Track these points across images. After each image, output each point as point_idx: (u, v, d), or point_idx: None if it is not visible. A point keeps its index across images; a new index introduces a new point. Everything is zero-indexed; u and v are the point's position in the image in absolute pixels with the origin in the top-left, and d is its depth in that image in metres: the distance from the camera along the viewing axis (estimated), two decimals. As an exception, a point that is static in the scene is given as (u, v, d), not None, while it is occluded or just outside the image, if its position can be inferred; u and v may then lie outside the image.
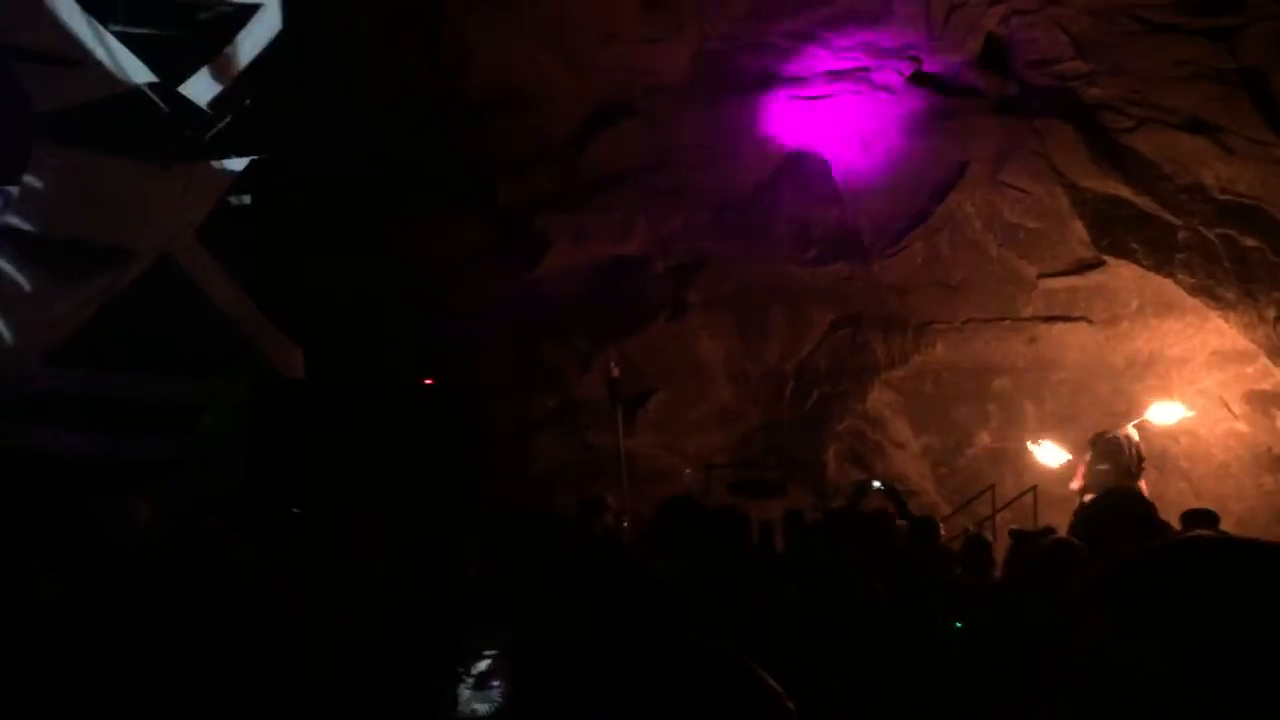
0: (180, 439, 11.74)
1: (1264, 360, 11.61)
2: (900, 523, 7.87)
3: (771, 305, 13.63)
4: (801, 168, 13.00)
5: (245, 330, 11.92)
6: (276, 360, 11.92)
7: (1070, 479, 11.21)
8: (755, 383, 13.91)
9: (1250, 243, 11.04)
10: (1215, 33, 10.42)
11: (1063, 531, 7.21)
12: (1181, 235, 11.49)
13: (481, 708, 2.57)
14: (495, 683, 2.57)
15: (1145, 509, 3.91)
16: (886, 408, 13.67)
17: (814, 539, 6.33)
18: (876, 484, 7.66)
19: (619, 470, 12.82)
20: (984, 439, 13.49)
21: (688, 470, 12.98)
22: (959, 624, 3.71)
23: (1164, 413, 11.71)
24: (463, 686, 2.59)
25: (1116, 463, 10.84)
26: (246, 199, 12.71)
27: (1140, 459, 10.95)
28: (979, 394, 13.43)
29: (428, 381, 12.68)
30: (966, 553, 6.75)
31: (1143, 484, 10.60)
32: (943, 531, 9.12)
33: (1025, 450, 12.98)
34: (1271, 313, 11.12)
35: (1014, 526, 8.21)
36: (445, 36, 12.41)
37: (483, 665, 2.58)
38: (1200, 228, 11.32)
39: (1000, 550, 10.84)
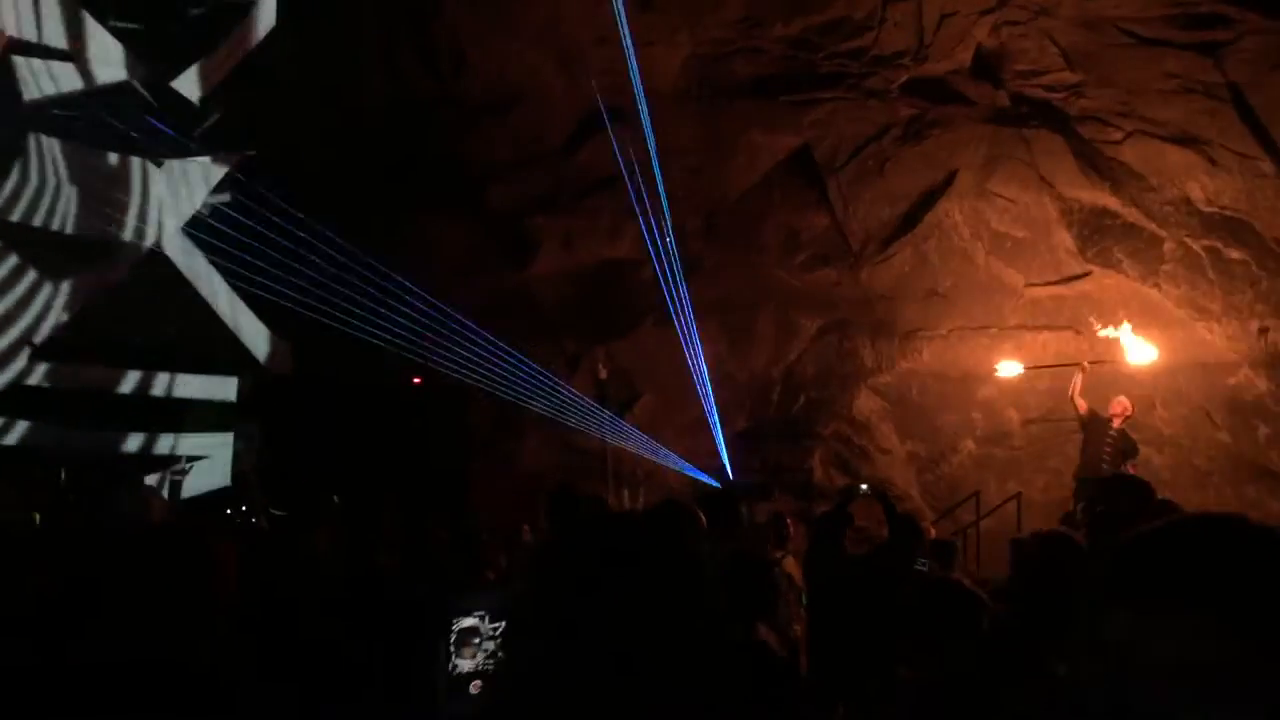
0: (167, 434, 11.72)
1: (1246, 371, 11.68)
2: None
3: (759, 310, 13.68)
4: (791, 173, 13.05)
5: (234, 325, 11.90)
6: (266, 357, 11.90)
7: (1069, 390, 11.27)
8: (742, 387, 13.96)
9: (1235, 255, 11.14)
10: (1203, 47, 10.49)
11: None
12: (1167, 247, 11.58)
13: (465, 664, 2.69)
14: (476, 640, 2.67)
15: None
16: (873, 414, 13.72)
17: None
18: (864, 487, 7.67)
19: (605, 472, 12.86)
20: (969, 446, 13.55)
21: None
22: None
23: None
24: (451, 642, 2.69)
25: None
26: (236, 195, 12.68)
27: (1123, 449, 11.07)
28: (965, 401, 13.50)
29: (416, 381, 12.70)
30: (933, 555, 6.79)
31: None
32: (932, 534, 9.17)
33: (1010, 457, 13.09)
34: (1255, 325, 11.22)
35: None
36: (440, 38, 12.43)
37: (466, 624, 2.69)
38: (1186, 239, 11.41)
39: (984, 554, 10.96)
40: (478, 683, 2.73)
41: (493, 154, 13.02)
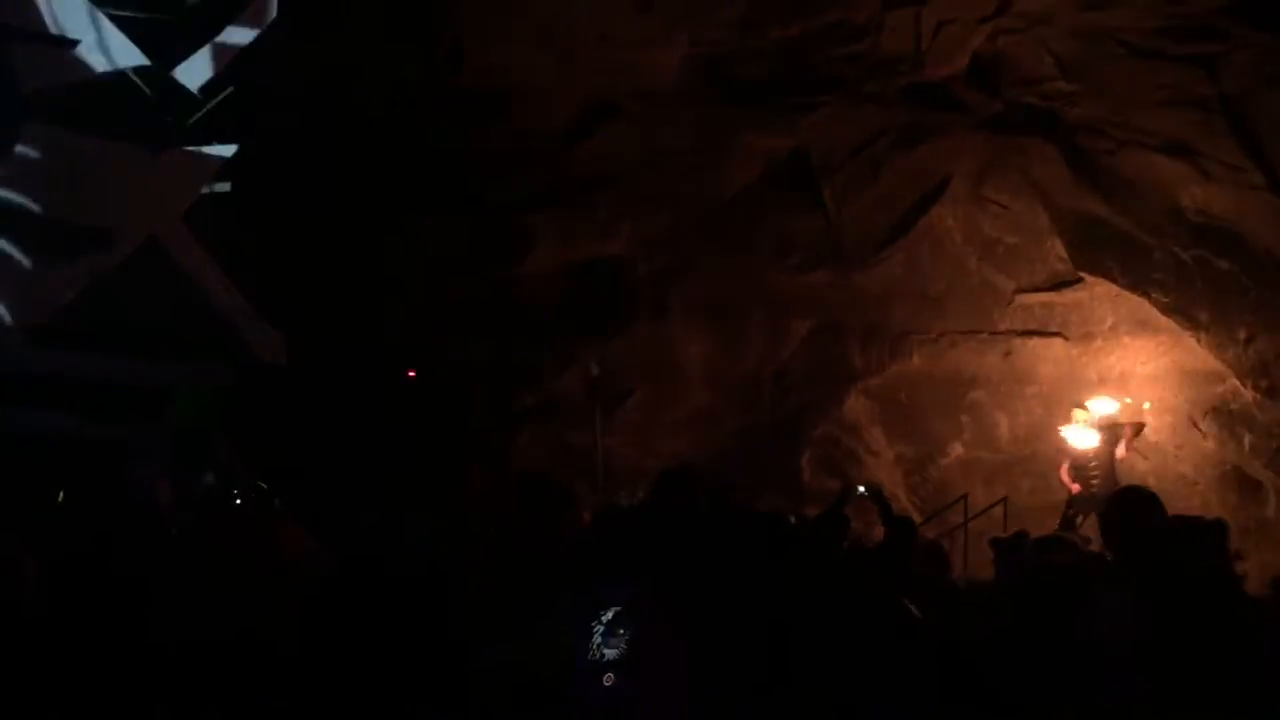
0: (159, 422, 11.72)
1: (1233, 380, 11.81)
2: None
3: (751, 311, 13.74)
4: (786, 175, 13.11)
5: (228, 315, 11.91)
6: (259, 346, 11.92)
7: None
8: (732, 387, 14.02)
9: (1224, 265, 11.24)
10: (1197, 59, 10.59)
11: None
12: (1157, 255, 11.68)
13: (611, 651, 2.83)
14: (622, 630, 2.82)
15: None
16: (862, 416, 13.81)
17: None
18: (861, 489, 7.76)
19: (595, 468, 12.91)
20: (957, 449, 13.66)
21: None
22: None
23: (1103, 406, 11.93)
24: (596, 633, 2.84)
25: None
26: (233, 186, 12.68)
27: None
28: (953, 405, 13.61)
29: (410, 374, 12.74)
30: (924, 558, 6.86)
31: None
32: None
33: (997, 462, 13.19)
34: (1242, 334, 11.33)
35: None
36: (440, 33, 12.45)
37: (611, 614, 2.85)
38: (1175, 249, 11.51)
39: (971, 557, 11.05)
40: (609, 675, 2.86)
41: (489, 149, 13.04)
